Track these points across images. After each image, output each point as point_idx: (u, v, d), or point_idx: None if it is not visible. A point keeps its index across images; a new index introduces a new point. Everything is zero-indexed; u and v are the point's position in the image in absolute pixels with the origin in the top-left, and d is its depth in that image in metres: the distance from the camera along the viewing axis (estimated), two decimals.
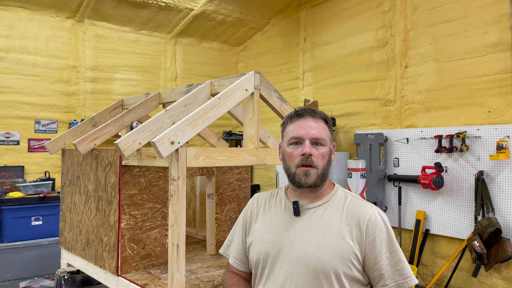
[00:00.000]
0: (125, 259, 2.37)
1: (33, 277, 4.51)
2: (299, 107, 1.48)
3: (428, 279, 4.24)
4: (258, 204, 1.56)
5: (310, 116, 1.38)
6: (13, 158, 4.99)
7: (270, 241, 1.41)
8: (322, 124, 1.39)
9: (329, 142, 1.41)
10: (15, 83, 5.01)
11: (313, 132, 1.36)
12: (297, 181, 1.37)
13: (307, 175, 1.35)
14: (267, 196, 1.56)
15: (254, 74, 2.27)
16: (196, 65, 6.49)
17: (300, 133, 1.37)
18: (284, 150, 1.42)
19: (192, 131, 1.93)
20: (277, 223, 1.44)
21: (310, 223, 1.39)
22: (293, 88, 5.93)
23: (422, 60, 4.33)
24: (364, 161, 4.40)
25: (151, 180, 2.49)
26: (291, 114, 1.44)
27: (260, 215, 1.51)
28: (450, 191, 3.99)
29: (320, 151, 1.37)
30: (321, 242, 1.34)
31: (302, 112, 1.40)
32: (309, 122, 1.37)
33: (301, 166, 1.35)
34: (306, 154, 1.34)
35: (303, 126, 1.37)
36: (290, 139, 1.39)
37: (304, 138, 1.36)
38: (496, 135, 3.67)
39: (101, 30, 5.60)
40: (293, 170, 1.37)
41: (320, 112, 1.42)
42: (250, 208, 1.57)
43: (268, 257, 1.40)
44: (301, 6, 5.81)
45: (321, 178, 1.37)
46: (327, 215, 1.39)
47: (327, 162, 1.39)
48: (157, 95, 2.94)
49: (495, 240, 3.52)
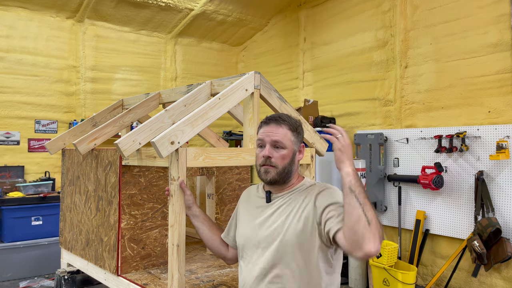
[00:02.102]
0: (125, 259, 2.37)
1: (33, 277, 4.51)
2: (274, 114, 1.71)
3: (428, 279, 4.24)
4: (246, 195, 1.83)
5: (275, 123, 1.61)
6: (13, 158, 4.99)
7: (246, 225, 1.68)
8: (283, 129, 1.61)
9: (293, 144, 1.62)
10: (15, 83, 5.01)
11: (273, 136, 1.59)
12: (260, 177, 1.64)
13: (266, 172, 1.60)
14: (253, 189, 1.81)
15: (254, 74, 2.27)
16: (196, 65, 6.49)
17: (262, 136, 1.62)
18: (255, 152, 1.69)
19: (192, 131, 1.93)
20: (254, 211, 1.70)
21: (276, 209, 1.62)
22: (293, 88, 5.93)
23: (422, 60, 4.33)
24: (364, 161, 4.40)
25: (151, 180, 2.49)
26: (263, 120, 1.67)
27: (245, 204, 1.78)
28: (450, 191, 3.99)
29: (280, 153, 1.59)
30: (283, 223, 1.55)
31: (269, 119, 1.63)
32: (272, 128, 1.61)
33: (263, 165, 1.61)
34: (265, 156, 1.59)
35: (265, 131, 1.62)
36: (257, 141, 1.65)
37: (265, 141, 1.61)
38: (496, 135, 3.67)
39: (101, 30, 5.60)
40: (258, 168, 1.64)
41: (287, 120, 1.63)
42: (242, 198, 1.85)
43: (244, 239, 1.67)
44: (301, 6, 5.82)
45: (280, 175, 1.60)
46: (290, 200, 1.61)
47: (288, 162, 1.60)
48: (157, 95, 2.94)
49: (495, 240, 3.52)
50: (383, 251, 3.85)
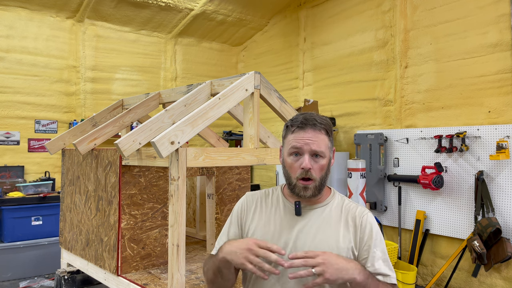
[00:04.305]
0: (125, 259, 2.37)
1: (33, 277, 4.51)
2: (302, 113, 1.48)
3: (428, 279, 4.24)
4: (252, 201, 1.55)
5: (312, 128, 1.40)
6: (13, 158, 4.99)
7: (273, 241, 1.42)
8: (322, 135, 1.41)
9: (329, 152, 1.44)
10: (15, 83, 5.01)
11: (313, 145, 1.39)
12: (297, 193, 1.41)
13: (306, 189, 1.40)
14: (261, 195, 1.56)
15: (254, 74, 2.27)
16: (196, 65, 6.49)
17: (300, 144, 1.40)
18: (285, 158, 1.45)
19: (192, 131, 1.93)
20: (277, 222, 1.46)
21: (311, 223, 1.43)
22: (293, 88, 5.93)
23: (422, 60, 4.33)
24: (364, 161, 4.40)
25: (151, 180, 2.49)
26: (294, 121, 1.44)
27: (256, 213, 1.51)
28: (450, 191, 3.99)
29: (320, 163, 1.40)
30: (323, 241, 1.40)
31: (304, 123, 1.41)
32: (309, 134, 1.40)
33: (301, 180, 1.39)
34: (306, 168, 1.38)
35: (303, 138, 1.40)
36: (291, 149, 1.42)
37: (304, 150, 1.39)
38: (496, 135, 3.67)
39: (101, 30, 5.60)
40: (294, 182, 1.41)
41: (322, 122, 1.43)
42: (246, 205, 1.55)
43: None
44: (301, 6, 5.81)
45: (318, 189, 1.42)
46: (327, 215, 1.45)
47: (325, 173, 1.43)
48: (157, 95, 2.94)
49: (495, 240, 3.52)
50: None
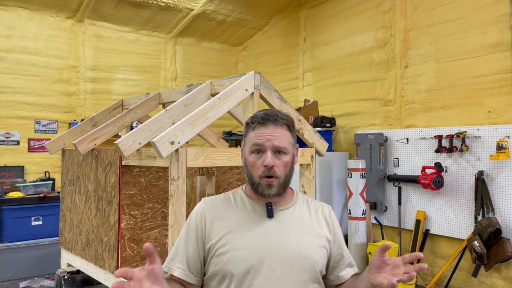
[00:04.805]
0: (125, 259, 2.37)
1: (33, 277, 4.50)
2: (263, 109, 1.42)
3: (428, 279, 4.24)
4: (213, 208, 1.40)
5: (273, 124, 1.33)
6: (13, 158, 4.99)
7: (249, 247, 1.31)
8: (284, 131, 1.35)
9: (292, 148, 1.38)
10: (15, 83, 5.01)
11: (275, 141, 1.32)
12: (261, 192, 1.33)
13: (270, 187, 1.32)
14: (222, 199, 1.43)
15: (254, 74, 2.27)
16: (196, 65, 6.49)
17: (261, 141, 1.32)
18: (246, 157, 1.37)
19: (192, 131, 1.93)
20: (251, 228, 1.35)
21: (286, 225, 1.37)
22: (293, 88, 5.93)
23: (422, 60, 4.33)
24: (364, 161, 4.40)
25: (151, 180, 2.49)
26: (254, 118, 1.37)
27: (224, 221, 1.36)
28: (450, 191, 3.99)
29: (283, 160, 1.33)
30: (303, 241, 1.35)
31: (265, 118, 1.34)
32: (270, 130, 1.33)
33: (264, 177, 1.32)
34: (268, 166, 1.30)
35: (264, 134, 1.32)
36: (252, 147, 1.34)
37: (266, 147, 1.32)
38: (496, 135, 3.67)
39: (101, 30, 5.60)
40: (257, 180, 1.33)
41: (283, 117, 1.37)
42: (207, 213, 1.38)
43: (250, 265, 1.29)
44: (301, 6, 5.82)
45: (283, 187, 1.35)
46: (298, 216, 1.41)
47: (289, 170, 1.36)
48: (157, 95, 2.94)
49: (495, 240, 3.52)
50: None
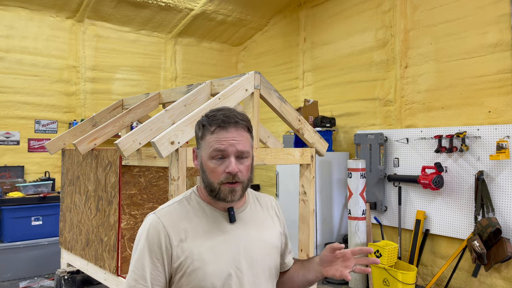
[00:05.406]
0: (125, 259, 2.37)
1: (33, 277, 4.51)
2: (218, 108, 1.31)
3: (428, 279, 4.23)
4: (170, 222, 1.26)
5: (234, 127, 1.25)
6: (13, 158, 4.99)
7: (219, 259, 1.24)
8: (245, 133, 1.27)
9: (252, 150, 1.31)
10: (15, 83, 5.01)
11: (238, 145, 1.24)
12: (222, 198, 1.25)
13: (233, 192, 1.24)
14: (176, 210, 1.30)
15: (254, 74, 2.27)
16: (196, 65, 6.49)
17: (224, 146, 1.23)
18: (205, 162, 1.26)
19: (192, 131, 1.93)
20: (215, 236, 1.27)
21: (247, 227, 1.33)
22: (293, 88, 5.93)
23: (422, 60, 4.33)
24: (364, 161, 4.40)
25: (151, 180, 2.49)
26: (212, 120, 1.26)
27: (184, 234, 1.25)
28: (450, 191, 3.99)
29: (245, 164, 1.26)
30: (264, 241, 1.35)
31: (225, 121, 1.25)
32: (232, 134, 1.24)
33: (226, 183, 1.23)
34: (233, 172, 1.22)
35: (226, 139, 1.23)
36: (213, 152, 1.24)
37: (229, 152, 1.23)
38: (496, 135, 3.67)
39: (101, 30, 5.60)
40: (217, 187, 1.24)
41: (243, 118, 1.29)
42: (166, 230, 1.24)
43: (224, 276, 1.24)
44: (301, 6, 5.82)
45: (245, 190, 1.29)
46: (254, 215, 1.38)
47: (251, 173, 1.30)
48: (157, 95, 2.94)
49: (495, 240, 3.52)
50: (383, 251, 3.85)
